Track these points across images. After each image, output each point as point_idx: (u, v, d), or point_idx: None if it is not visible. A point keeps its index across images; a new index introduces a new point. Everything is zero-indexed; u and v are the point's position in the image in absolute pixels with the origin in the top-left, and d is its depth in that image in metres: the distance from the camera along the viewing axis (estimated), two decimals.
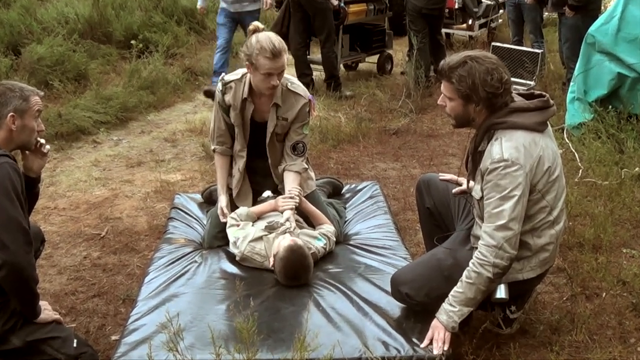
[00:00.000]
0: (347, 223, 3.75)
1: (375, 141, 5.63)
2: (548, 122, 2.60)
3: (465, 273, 2.52)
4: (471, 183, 2.73)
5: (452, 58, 2.54)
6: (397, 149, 5.46)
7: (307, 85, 6.51)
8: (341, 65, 7.69)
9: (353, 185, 4.31)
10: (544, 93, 2.62)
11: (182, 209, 3.92)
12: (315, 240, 3.29)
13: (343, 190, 4.21)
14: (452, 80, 2.50)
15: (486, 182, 2.47)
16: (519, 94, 2.64)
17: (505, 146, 2.45)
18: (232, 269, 3.23)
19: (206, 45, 8.98)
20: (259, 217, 3.40)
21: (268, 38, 3.18)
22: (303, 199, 3.44)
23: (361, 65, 8.33)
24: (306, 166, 3.55)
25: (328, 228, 3.41)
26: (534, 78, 6.68)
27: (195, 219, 3.84)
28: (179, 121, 6.34)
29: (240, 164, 3.55)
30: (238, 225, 3.32)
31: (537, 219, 2.55)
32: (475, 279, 2.49)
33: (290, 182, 3.44)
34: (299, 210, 3.46)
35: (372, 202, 3.94)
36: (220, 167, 3.59)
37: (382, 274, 3.10)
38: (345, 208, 3.92)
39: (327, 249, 3.33)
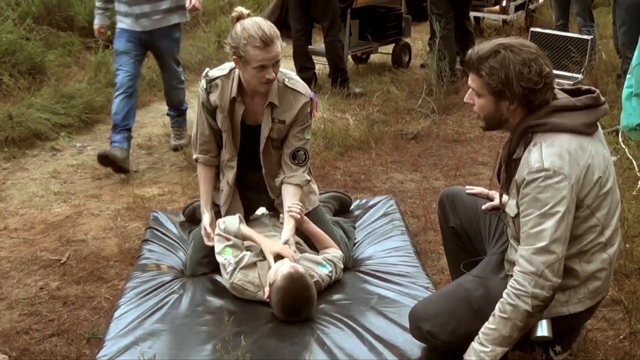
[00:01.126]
0: (356, 245, 3.76)
1: (390, 147, 5.64)
2: (598, 124, 2.61)
3: (498, 306, 2.52)
4: (505, 197, 2.74)
5: (481, 46, 2.55)
6: (417, 156, 5.48)
7: (308, 81, 6.53)
8: (349, 57, 7.72)
9: (364, 201, 4.32)
10: (593, 88, 2.62)
11: (159, 230, 3.94)
12: (319, 267, 3.30)
13: (352, 207, 4.23)
14: (481, 73, 2.52)
15: (523, 196, 2.48)
16: (563, 90, 2.65)
17: (546, 153, 2.46)
18: (219, 301, 3.24)
19: (188, 33, 9.01)
20: (246, 239, 3.40)
21: (256, 24, 3.20)
22: (305, 217, 3.45)
23: (373, 57, 8.36)
24: (308, 178, 3.57)
25: (334, 252, 3.43)
26: (582, 70, 6.69)
27: (175, 241, 3.85)
28: (155, 124, 6.37)
29: (229, 176, 3.57)
30: (228, 240, 3.33)
31: (585, 240, 2.56)
32: (510, 313, 2.49)
33: (290, 197, 3.45)
34: (300, 231, 3.47)
35: (386, 221, 3.96)
36: (203, 179, 3.61)
37: (399, 306, 3.11)
38: (354, 228, 3.93)
39: (333, 277, 3.34)
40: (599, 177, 2.51)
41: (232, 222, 3.39)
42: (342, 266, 3.42)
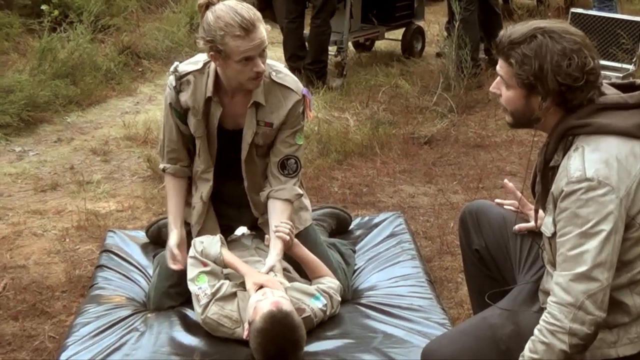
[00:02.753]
0: (357, 273, 3.77)
1: (398, 154, 5.66)
2: None
3: (528, 345, 2.53)
4: (540, 214, 2.75)
5: (516, 28, 2.56)
6: (431, 165, 5.49)
7: (298, 71, 6.58)
8: (349, 44, 7.74)
9: (366, 219, 4.33)
10: None
11: (116, 253, 3.94)
12: (312, 300, 3.30)
13: (352, 226, 4.24)
14: (511, 60, 2.53)
15: (560, 212, 2.48)
16: (613, 85, 2.66)
17: (590, 159, 2.46)
18: (190, 340, 3.24)
19: (153, 14, 9.05)
20: (227, 267, 3.40)
21: (230, 9, 3.19)
22: (295, 240, 3.46)
23: (378, 44, 8.39)
24: (300, 191, 3.57)
25: (330, 283, 3.43)
26: (633, 60, 6.69)
27: (136, 267, 3.85)
28: (113, 124, 6.37)
29: (203, 190, 3.57)
30: (205, 265, 3.34)
31: (638, 267, 2.55)
32: (543, 354, 2.49)
33: (278, 214, 3.46)
34: (288, 256, 3.48)
35: (393, 243, 3.96)
36: (172, 192, 3.61)
37: (409, 347, 3.11)
38: (354, 251, 3.94)
39: (328, 313, 3.34)
40: None
41: (213, 244, 3.39)
42: (339, 299, 3.42)
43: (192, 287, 3.31)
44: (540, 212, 2.75)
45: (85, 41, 7.33)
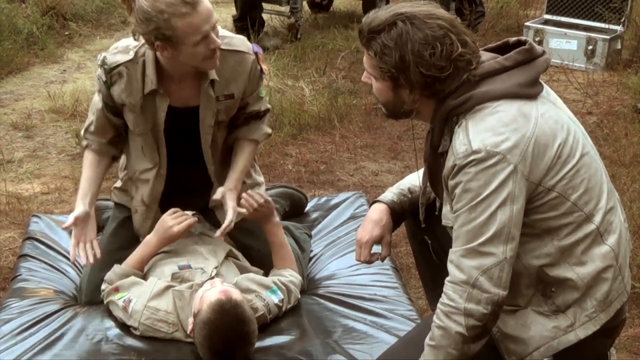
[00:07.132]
0: (314, 260, 3.80)
1: (360, 127, 5.67)
2: (541, 81, 2.66)
3: (429, 333, 2.58)
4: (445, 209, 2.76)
5: (378, 14, 2.59)
6: (396, 139, 5.52)
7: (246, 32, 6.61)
8: (304, 3, 7.74)
9: (324, 199, 4.35)
10: (523, 39, 2.67)
11: (42, 241, 3.92)
12: (268, 293, 3.33)
13: (308, 207, 4.27)
14: (370, 51, 2.57)
15: (452, 190, 2.54)
16: (488, 49, 2.70)
17: (474, 131, 2.50)
18: (126, 338, 3.24)
19: None
20: (142, 267, 3.44)
21: None
22: (277, 219, 3.51)
23: (337, 3, 8.38)
24: (269, 131, 3.64)
25: (292, 277, 3.46)
26: (622, 20, 6.76)
27: (64, 256, 3.83)
28: (37, 95, 6.33)
29: (143, 191, 3.54)
30: (117, 290, 3.35)
31: (562, 234, 2.59)
32: (440, 339, 2.54)
33: (238, 155, 3.53)
34: (240, 243, 3.52)
35: (355, 226, 3.97)
36: (87, 166, 3.51)
37: (371, 343, 3.15)
38: (310, 236, 3.98)
39: (284, 309, 3.36)
40: (559, 145, 2.55)
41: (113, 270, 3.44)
42: (299, 296, 3.44)
43: (114, 308, 3.34)
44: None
45: (3, 1, 7.26)
